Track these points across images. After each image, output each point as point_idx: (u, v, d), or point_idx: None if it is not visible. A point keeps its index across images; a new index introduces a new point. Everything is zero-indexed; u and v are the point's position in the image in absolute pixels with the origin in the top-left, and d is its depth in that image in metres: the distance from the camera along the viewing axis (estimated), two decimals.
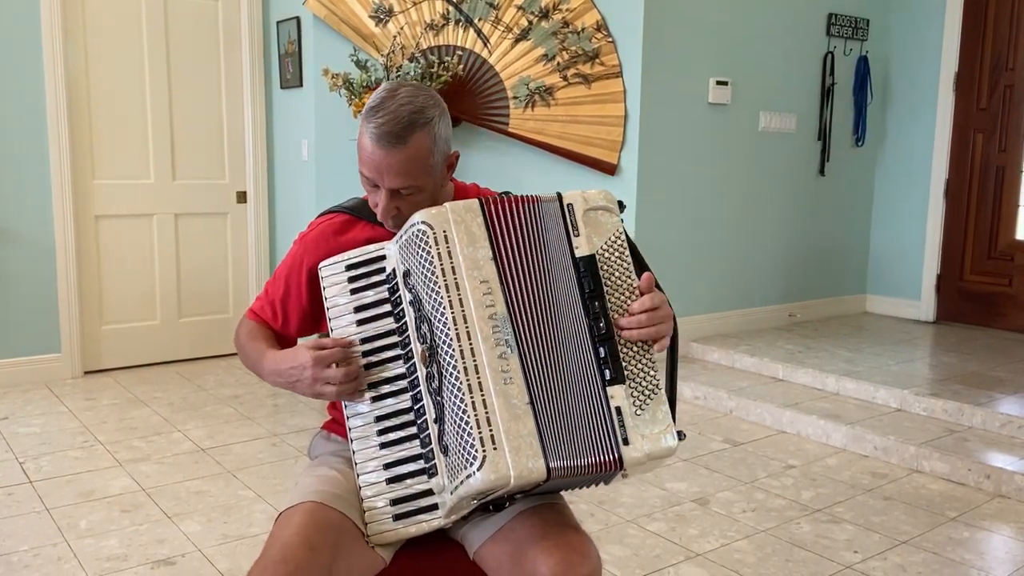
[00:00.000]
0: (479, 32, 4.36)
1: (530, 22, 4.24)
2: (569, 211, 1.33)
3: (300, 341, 1.55)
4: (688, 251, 4.41)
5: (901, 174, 5.24)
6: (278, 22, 4.78)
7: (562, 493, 1.48)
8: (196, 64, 4.67)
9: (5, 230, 4.12)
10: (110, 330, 4.52)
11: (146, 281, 4.62)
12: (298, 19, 4.61)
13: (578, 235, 1.31)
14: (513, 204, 1.33)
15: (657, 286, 1.38)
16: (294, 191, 4.81)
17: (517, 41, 4.29)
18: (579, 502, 2.81)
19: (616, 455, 1.23)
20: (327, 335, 1.43)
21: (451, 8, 4.40)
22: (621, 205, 1.37)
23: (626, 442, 1.24)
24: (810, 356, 4.19)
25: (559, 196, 1.34)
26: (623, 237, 1.34)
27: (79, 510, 2.74)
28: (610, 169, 4.15)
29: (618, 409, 1.25)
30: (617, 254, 1.33)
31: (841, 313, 5.28)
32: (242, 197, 4.91)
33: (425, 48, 4.46)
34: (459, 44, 4.41)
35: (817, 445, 3.43)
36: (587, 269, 1.30)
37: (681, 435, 1.28)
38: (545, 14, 4.20)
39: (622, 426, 1.24)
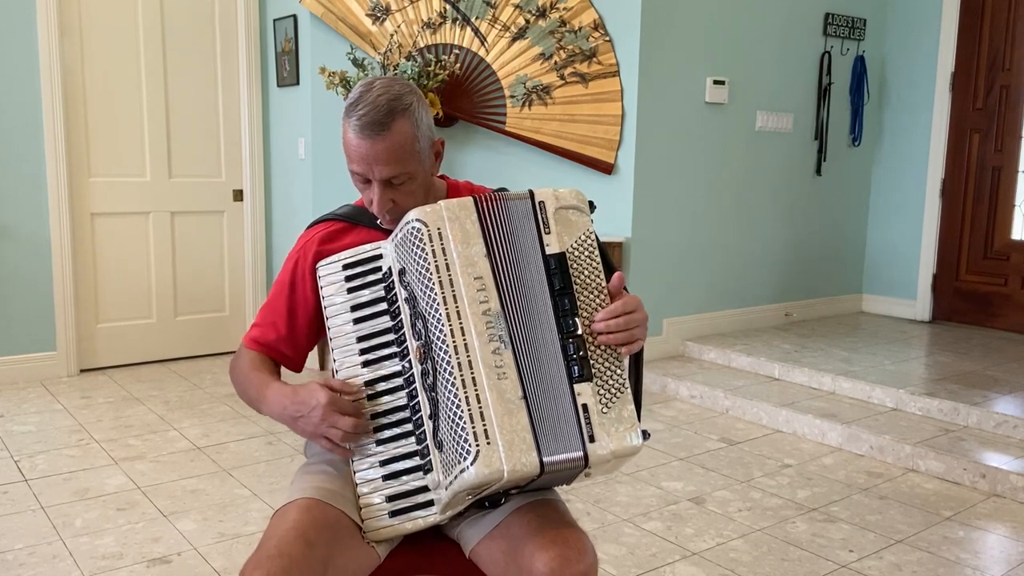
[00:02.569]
0: (476, 31, 4.36)
1: (527, 21, 4.24)
2: (541, 208, 1.33)
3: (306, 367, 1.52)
4: (684, 250, 4.41)
5: (897, 174, 5.25)
6: (275, 20, 4.77)
7: (556, 490, 1.48)
8: (192, 62, 4.66)
9: (1, 227, 4.11)
10: (106, 328, 4.51)
11: (142, 279, 4.61)
12: (295, 17, 4.60)
13: (549, 232, 1.32)
14: (499, 201, 1.33)
15: (624, 289, 1.38)
16: (291, 189, 4.80)
17: (514, 40, 4.28)
18: (575, 501, 2.81)
19: (583, 452, 1.24)
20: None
21: (448, 7, 4.39)
22: (592, 205, 1.38)
23: (592, 439, 1.24)
24: (806, 355, 4.19)
25: (531, 193, 1.34)
26: (593, 237, 1.35)
27: (74, 508, 2.73)
28: (607, 168, 4.15)
29: (584, 406, 1.26)
30: (587, 253, 1.33)
31: (837, 312, 5.29)
32: (239, 195, 4.90)
33: (422, 47, 4.46)
34: (456, 43, 4.41)
35: (813, 444, 3.44)
36: (557, 266, 1.31)
37: (646, 434, 1.29)
38: (542, 13, 4.19)
39: (588, 423, 1.25)
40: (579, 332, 1.29)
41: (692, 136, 4.34)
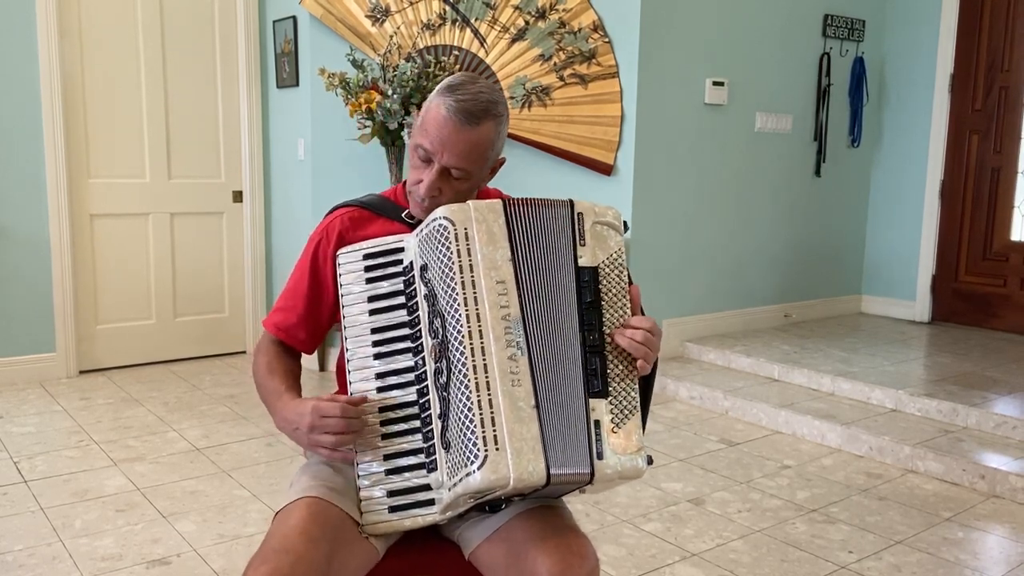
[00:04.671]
0: (476, 32, 4.36)
1: (527, 22, 4.24)
2: (579, 220, 1.34)
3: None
4: (684, 251, 4.41)
5: (897, 175, 5.25)
6: (274, 21, 4.77)
7: None
8: (192, 63, 4.66)
9: (0, 228, 4.11)
10: (105, 329, 4.51)
11: (141, 280, 4.61)
12: (294, 18, 4.60)
13: (584, 245, 1.33)
14: (531, 207, 1.33)
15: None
16: (290, 190, 4.80)
17: (514, 41, 4.29)
18: (575, 502, 2.81)
19: (590, 468, 1.24)
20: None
21: (448, 8, 4.39)
22: (626, 225, 1.38)
23: (600, 457, 1.24)
24: (806, 356, 4.19)
25: (571, 203, 1.35)
26: (624, 257, 1.35)
27: (74, 510, 2.73)
28: (606, 169, 4.15)
29: (597, 423, 1.26)
30: (616, 272, 1.34)
31: (837, 313, 5.29)
32: (238, 196, 4.90)
33: (422, 48, 4.46)
34: (456, 44, 4.41)
35: (812, 445, 3.44)
36: (589, 279, 1.31)
37: (650, 460, 1.29)
38: (542, 14, 4.20)
39: (599, 440, 1.25)
40: (601, 348, 1.29)
41: (691, 137, 4.34)
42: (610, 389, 1.28)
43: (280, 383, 1.48)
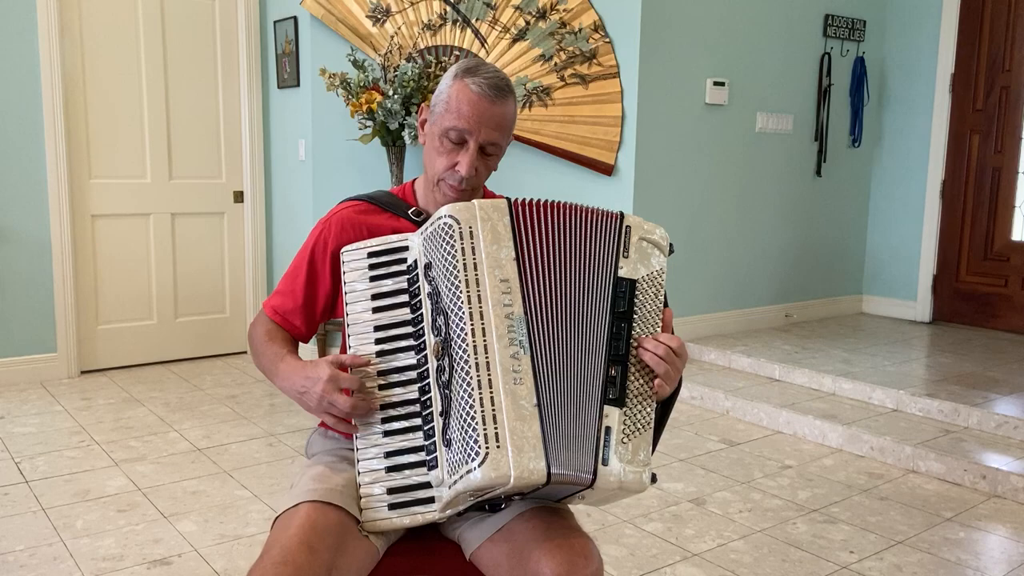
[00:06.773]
0: (476, 32, 4.36)
1: (527, 22, 4.24)
2: (626, 232, 1.35)
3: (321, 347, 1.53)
4: (685, 251, 4.41)
5: (897, 175, 5.25)
6: (275, 22, 4.77)
7: None
8: (193, 63, 4.67)
9: (1, 229, 4.11)
10: (106, 330, 4.51)
11: (142, 281, 4.61)
12: (295, 19, 4.60)
13: (627, 257, 1.34)
14: (550, 210, 1.33)
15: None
16: (291, 191, 4.81)
17: (514, 41, 4.29)
18: (576, 503, 2.81)
19: (592, 472, 1.24)
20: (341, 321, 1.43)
21: (448, 8, 4.40)
22: (671, 248, 1.39)
23: (605, 463, 1.24)
24: (806, 356, 4.19)
25: (621, 215, 1.36)
26: (663, 278, 1.36)
27: (75, 510, 2.73)
28: (607, 169, 4.16)
29: (608, 429, 1.26)
30: (654, 290, 1.35)
31: (837, 314, 5.29)
32: (239, 197, 4.90)
33: (422, 48, 4.46)
34: (456, 44, 4.41)
35: (813, 445, 3.44)
36: (626, 290, 1.32)
37: (654, 477, 1.30)
38: (542, 14, 4.20)
39: (607, 446, 1.25)
40: (626, 358, 1.29)
41: (692, 137, 4.34)
42: (627, 400, 1.28)
43: (281, 347, 1.50)
